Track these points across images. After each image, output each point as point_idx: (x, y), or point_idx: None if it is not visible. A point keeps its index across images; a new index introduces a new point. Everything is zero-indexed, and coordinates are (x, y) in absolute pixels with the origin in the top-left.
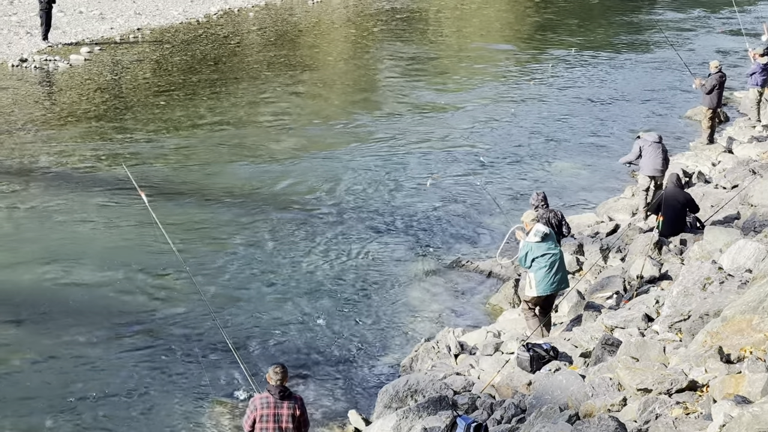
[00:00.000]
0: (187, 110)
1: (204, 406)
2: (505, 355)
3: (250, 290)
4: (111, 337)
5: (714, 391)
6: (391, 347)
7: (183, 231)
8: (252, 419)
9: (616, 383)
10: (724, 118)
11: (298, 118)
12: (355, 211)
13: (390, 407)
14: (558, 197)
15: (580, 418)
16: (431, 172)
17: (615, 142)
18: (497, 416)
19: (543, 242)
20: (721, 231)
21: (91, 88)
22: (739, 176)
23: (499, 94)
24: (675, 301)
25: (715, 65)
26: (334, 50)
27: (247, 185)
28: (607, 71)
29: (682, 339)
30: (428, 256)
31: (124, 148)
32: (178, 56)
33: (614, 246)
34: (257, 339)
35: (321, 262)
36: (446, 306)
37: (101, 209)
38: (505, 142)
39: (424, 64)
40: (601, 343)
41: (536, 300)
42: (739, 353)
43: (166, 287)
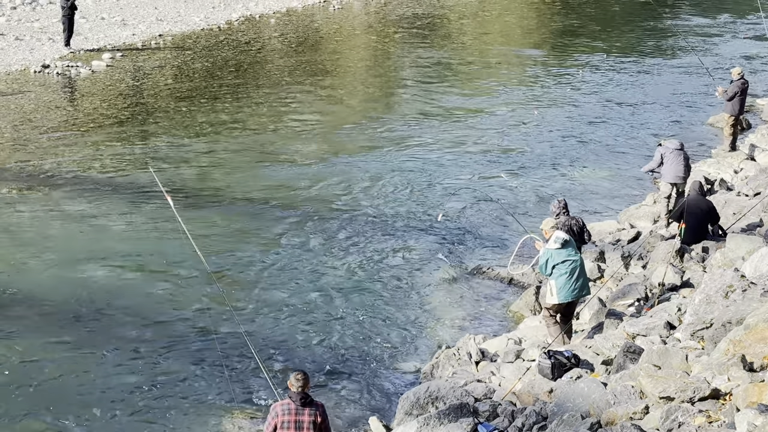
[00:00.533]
0: (209, 116)
1: (225, 412)
2: (527, 363)
3: (272, 295)
4: (132, 342)
5: (737, 399)
6: (412, 354)
7: (207, 235)
8: (273, 425)
9: (638, 391)
10: (746, 126)
11: (319, 123)
12: (378, 217)
13: (411, 414)
14: (579, 204)
15: (601, 426)
16: (442, 207)
17: (637, 149)
18: (518, 424)
19: (563, 249)
20: (744, 239)
21: (113, 94)
22: (761, 183)
23: (521, 100)
24: (697, 308)
25: (738, 72)
26: (355, 56)
27: (270, 190)
28: (629, 77)
29: (704, 347)
30: (450, 263)
31: (146, 153)
32: (199, 62)
33: (636, 253)
34: (280, 345)
35: (343, 267)
36: (467, 313)
37: (124, 214)
38: (527, 149)
39: (445, 70)
40: (623, 351)
41: (557, 307)
42: (762, 361)
43: (190, 291)
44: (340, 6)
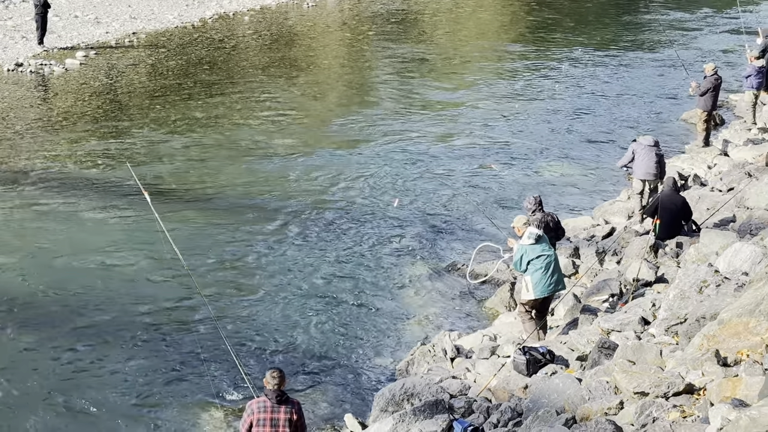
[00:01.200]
0: (183, 113)
1: (201, 410)
2: (502, 359)
3: (249, 292)
4: (108, 340)
5: (711, 394)
6: (388, 351)
7: (183, 231)
8: (249, 423)
9: (612, 387)
10: (719, 121)
11: (294, 120)
12: (353, 212)
13: (386, 411)
14: (554, 200)
15: (576, 421)
16: (399, 195)
17: (611, 145)
18: (494, 420)
19: (537, 244)
20: (717, 234)
21: (87, 93)
22: (734, 179)
23: (494, 96)
24: (671, 304)
25: (711, 68)
26: (329, 53)
27: (245, 186)
28: (605, 72)
29: (678, 342)
30: (425, 260)
31: (120, 151)
32: (173, 60)
33: (610, 249)
34: (256, 342)
35: (318, 264)
36: (442, 309)
37: (99, 211)
38: (501, 145)
39: (419, 66)
40: (598, 347)
41: (533, 303)
42: (736, 356)
43: (166, 287)
44: (313, 3)
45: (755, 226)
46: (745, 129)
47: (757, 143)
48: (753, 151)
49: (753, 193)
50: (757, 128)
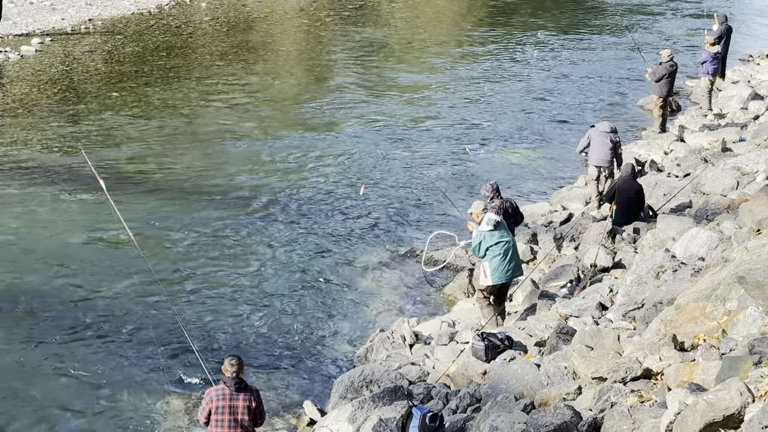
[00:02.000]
0: (141, 100)
1: (159, 399)
2: (460, 345)
3: (206, 280)
4: (63, 330)
5: (668, 379)
6: (346, 338)
7: (139, 218)
8: (207, 411)
9: (571, 372)
10: (675, 107)
11: (252, 106)
12: (309, 200)
13: (345, 397)
14: (512, 186)
15: (535, 407)
16: (363, 180)
17: (567, 131)
18: (452, 406)
19: (495, 230)
20: (674, 219)
21: (43, 80)
22: (691, 165)
23: (451, 81)
24: (629, 289)
25: (667, 54)
26: (286, 40)
27: (203, 173)
28: (561, 58)
29: (636, 327)
30: (382, 246)
31: (76, 138)
32: (130, 47)
33: (568, 235)
34: (214, 330)
35: (276, 250)
36: (401, 296)
37: (54, 199)
38: (457, 132)
39: (378, 51)
40: (556, 332)
41: (491, 289)
42: (693, 341)
43: (122, 275)
44: None
45: (711, 211)
46: (701, 115)
47: (713, 129)
48: (709, 137)
49: (709, 179)
50: (713, 114)
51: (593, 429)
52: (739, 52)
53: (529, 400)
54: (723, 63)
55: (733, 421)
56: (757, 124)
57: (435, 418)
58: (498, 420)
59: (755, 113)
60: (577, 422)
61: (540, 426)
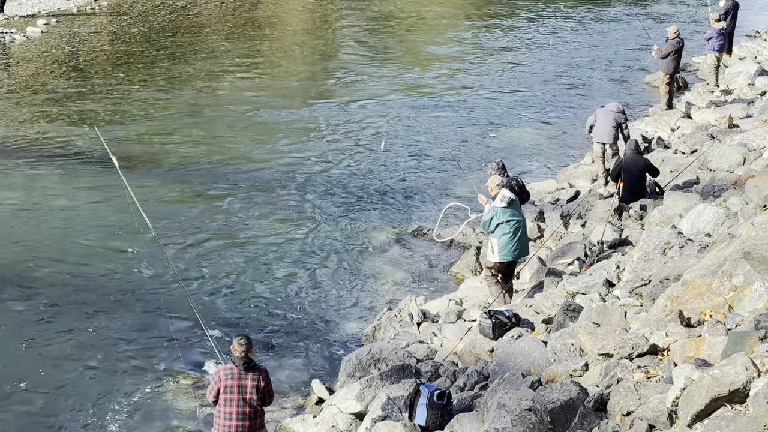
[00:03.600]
0: (146, 83)
1: (169, 377)
2: (468, 323)
3: (216, 259)
4: (73, 308)
5: (675, 354)
6: (354, 316)
7: (151, 199)
8: (216, 390)
9: (577, 349)
10: (682, 84)
11: (258, 86)
12: (317, 181)
13: (353, 376)
14: (518, 164)
15: (542, 383)
16: (381, 135)
17: (574, 109)
18: (460, 383)
19: (508, 208)
20: (681, 196)
21: (49, 61)
22: (697, 141)
23: (462, 59)
24: (635, 266)
25: (674, 30)
26: (293, 19)
27: (209, 153)
28: (566, 36)
29: (642, 304)
30: (390, 225)
31: (83, 119)
32: (135, 27)
33: (575, 212)
34: (223, 309)
35: (284, 231)
36: (408, 274)
37: (62, 179)
38: (466, 110)
39: (386, 32)
40: (563, 309)
41: (498, 266)
42: (699, 317)
43: (134, 255)
44: None
45: (718, 187)
46: (708, 91)
47: (719, 105)
48: (715, 114)
49: (716, 155)
50: (720, 90)
51: (599, 405)
52: (746, 28)
53: (536, 377)
54: (730, 39)
55: (738, 396)
56: (763, 100)
57: (443, 396)
58: (505, 397)
59: (762, 89)
60: (584, 398)
61: (547, 402)
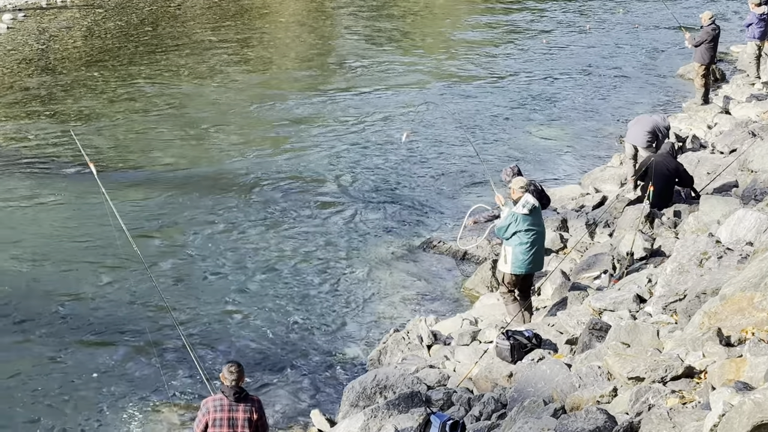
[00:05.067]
0: (124, 81)
1: (153, 407)
2: (483, 345)
3: (205, 275)
4: (51, 332)
5: (713, 377)
6: (357, 339)
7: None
8: (204, 423)
9: (605, 372)
10: (719, 76)
11: (247, 87)
12: (315, 188)
13: (357, 406)
14: (539, 167)
15: (566, 411)
16: (402, 129)
17: (601, 106)
18: (475, 412)
19: (530, 216)
20: (719, 200)
21: (16, 60)
22: (737, 139)
23: (475, 56)
24: (669, 279)
25: (708, 17)
26: (285, 11)
27: (194, 159)
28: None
29: (677, 321)
30: (397, 237)
31: (53, 125)
32: (111, 22)
33: (601, 220)
34: (213, 332)
35: (281, 244)
36: (417, 292)
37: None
38: (484, 109)
39: (384, 28)
40: (589, 328)
41: (512, 279)
42: (740, 335)
43: (115, 272)
44: None
45: (760, 190)
46: (748, 84)
47: (761, 99)
48: (757, 108)
49: (757, 155)
50: (761, 82)
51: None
52: None
53: (559, 404)
54: None
55: None
56: None
57: (456, 427)
58: (525, 427)
59: None
60: (612, 427)
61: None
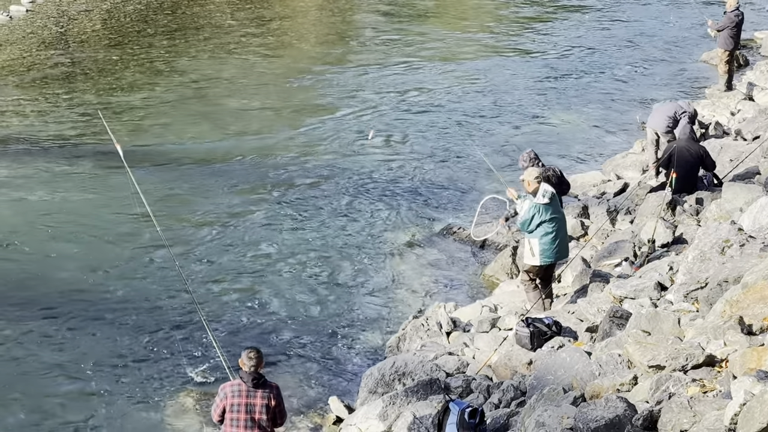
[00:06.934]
0: (143, 65)
1: (171, 393)
2: (503, 332)
3: (227, 262)
4: (71, 315)
5: (734, 366)
6: (376, 326)
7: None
8: (221, 408)
9: (625, 360)
10: (743, 62)
11: (268, 71)
12: (335, 176)
13: (375, 392)
14: (559, 153)
15: (585, 399)
16: (371, 127)
17: (622, 91)
18: (495, 400)
19: (550, 204)
20: (741, 188)
21: (35, 43)
22: (761, 126)
23: (494, 39)
24: (691, 267)
25: (733, 2)
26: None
27: (215, 146)
28: (613, 11)
29: (698, 309)
30: (416, 224)
31: (71, 109)
32: (131, 5)
33: (623, 207)
34: (232, 318)
35: (300, 232)
36: (436, 279)
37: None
38: (501, 97)
39: (403, 13)
40: (609, 316)
41: (537, 269)
42: (762, 323)
43: (138, 255)
44: None
45: None
46: None
47: None
48: None
49: None
50: None
51: (649, 423)
52: None
53: (579, 392)
54: None
55: None
56: None
57: (475, 414)
58: (545, 415)
59: None
60: (632, 416)
61: (590, 421)
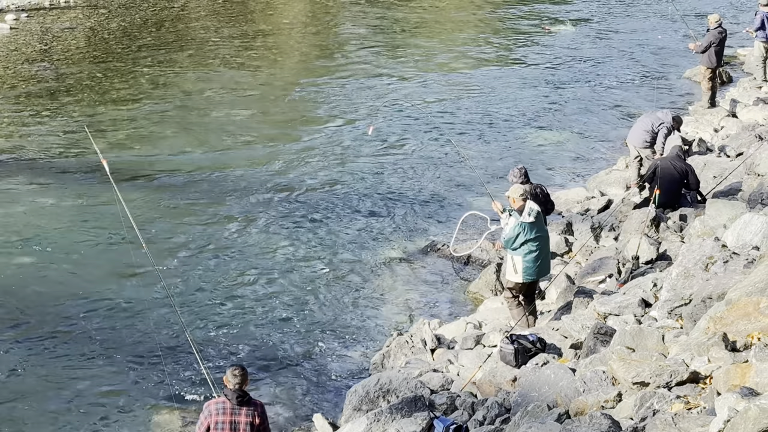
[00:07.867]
0: (128, 82)
1: (153, 411)
2: (487, 349)
3: (211, 277)
4: (57, 333)
5: (718, 382)
6: (360, 343)
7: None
8: (206, 426)
9: (609, 377)
10: (726, 79)
11: (252, 87)
12: (317, 190)
13: (360, 409)
14: (543, 170)
15: (570, 416)
16: (370, 123)
17: (605, 109)
18: (479, 417)
19: (536, 222)
20: (725, 204)
21: (18, 61)
22: (744, 143)
23: (477, 57)
24: (675, 283)
25: (715, 19)
26: (289, 12)
27: (200, 162)
28: (596, 27)
29: (682, 326)
30: (401, 239)
31: (56, 126)
32: (115, 22)
33: (607, 224)
34: (217, 335)
35: (284, 247)
36: (421, 295)
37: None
38: (486, 111)
39: (389, 28)
40: (593, 333)
41: (520, 286)
42: (746, 340)
43: (123, 271)
44: None
45: (767, 194)
46: (755, 87)
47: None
48: (764, 112)
49: (764, 159)
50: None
51: None
52: None
53: (563, 408)
54: None
55: None
56: None
57: (459, 431)
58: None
59: None
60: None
61: None
